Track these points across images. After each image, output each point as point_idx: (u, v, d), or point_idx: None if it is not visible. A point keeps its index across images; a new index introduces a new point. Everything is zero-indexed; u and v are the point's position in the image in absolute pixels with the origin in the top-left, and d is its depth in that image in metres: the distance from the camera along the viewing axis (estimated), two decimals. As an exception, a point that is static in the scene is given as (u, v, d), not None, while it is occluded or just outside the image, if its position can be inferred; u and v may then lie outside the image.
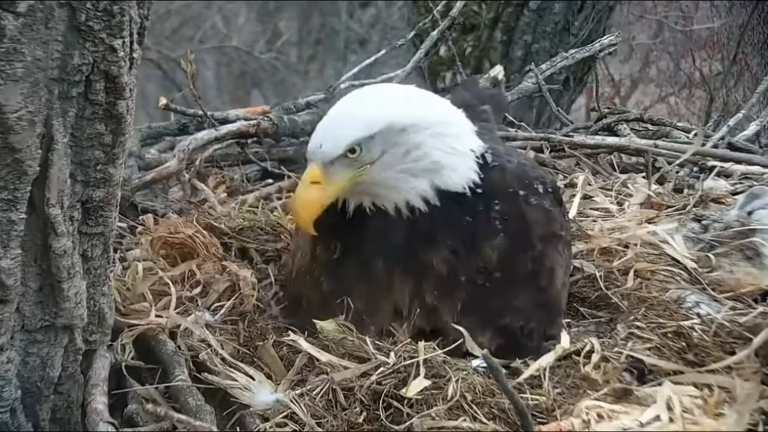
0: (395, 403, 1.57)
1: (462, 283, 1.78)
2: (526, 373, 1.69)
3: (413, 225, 1.77)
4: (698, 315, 1.89)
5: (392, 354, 1.68)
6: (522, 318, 1.82)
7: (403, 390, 1.58)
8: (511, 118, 4.07)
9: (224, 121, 3.25)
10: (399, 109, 1.77)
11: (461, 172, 1.79)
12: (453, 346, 1.73)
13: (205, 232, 2.28)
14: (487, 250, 1.79)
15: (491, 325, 1.80)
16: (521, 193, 1.88)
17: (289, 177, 3.16)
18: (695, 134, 3.57)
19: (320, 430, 1.53)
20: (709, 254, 2.19)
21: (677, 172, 3.09)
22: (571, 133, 3.74)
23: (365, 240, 1.81)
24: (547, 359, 1.73)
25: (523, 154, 2.77)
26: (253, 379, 1.67)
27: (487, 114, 2.65)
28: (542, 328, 1.85)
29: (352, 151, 1.71)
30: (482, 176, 1.81)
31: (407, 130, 1.73)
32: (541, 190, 1.93)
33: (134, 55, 1.42)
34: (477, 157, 1.82)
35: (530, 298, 1.84)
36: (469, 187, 1.79)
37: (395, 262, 1.78)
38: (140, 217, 2.50)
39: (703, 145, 3.32)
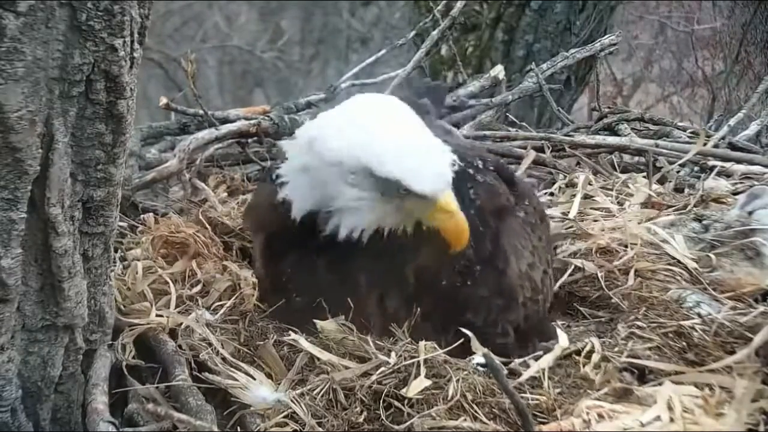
0: (396, 403, 1.57)
1: (431, 286, 1.78)
2: (527, 373, 1.69)
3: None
4: (699, 315, 1.89)
5: (393, 354, 1.68)
6: (484, 308, 1.82)
7: (404, 390, 1.57)
8: (512, 118, 4.08)
9: (225, 121, 3.25)
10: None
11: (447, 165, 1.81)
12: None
13: (206, 231, 2.28)
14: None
15: (453, 325, 1.77)
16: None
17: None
18: (693, 132, 3.57)
19: (321, 429, 1.53)
20: (709, 254, 2.19)
21: (678, 172, 3.09)
22: (571, 133, 3.74)
23: (344, 250, 1.79)
24: (547, 359, 1.73)
25: (461, 139, 2.77)
26: (254, 379, 1.67)
27: (427, 106, 2.68)
28: (503, 316, 1.83)
29: None
30: None
31: None
32: (481, 166, 1.95)
33: (135, 54, 1.42)
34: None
35: (490, 283, 1.83)
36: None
37: (371, 270, 1.77)
38: (141, 217, 2.50)
39: (705, 144, 3.32)
